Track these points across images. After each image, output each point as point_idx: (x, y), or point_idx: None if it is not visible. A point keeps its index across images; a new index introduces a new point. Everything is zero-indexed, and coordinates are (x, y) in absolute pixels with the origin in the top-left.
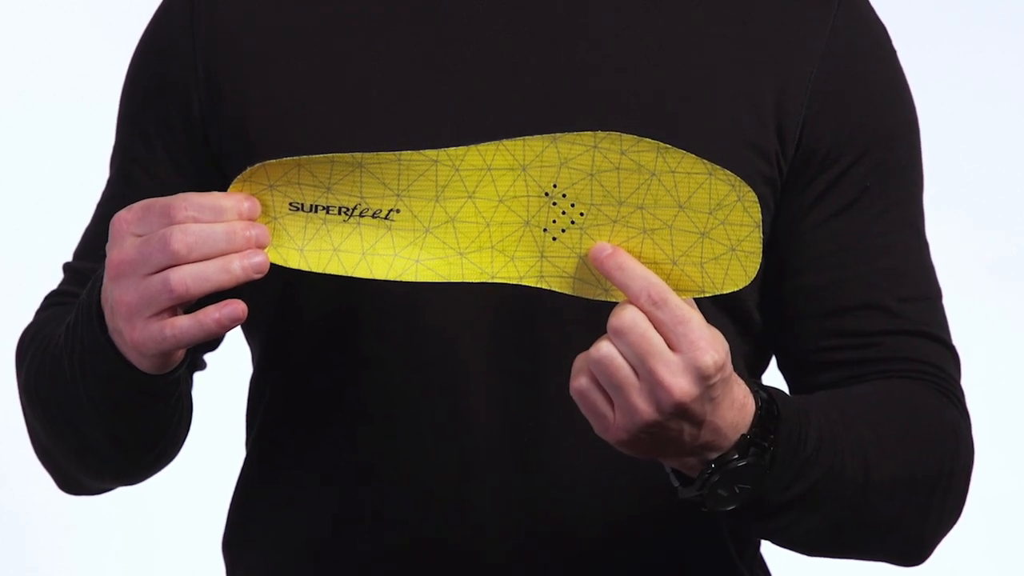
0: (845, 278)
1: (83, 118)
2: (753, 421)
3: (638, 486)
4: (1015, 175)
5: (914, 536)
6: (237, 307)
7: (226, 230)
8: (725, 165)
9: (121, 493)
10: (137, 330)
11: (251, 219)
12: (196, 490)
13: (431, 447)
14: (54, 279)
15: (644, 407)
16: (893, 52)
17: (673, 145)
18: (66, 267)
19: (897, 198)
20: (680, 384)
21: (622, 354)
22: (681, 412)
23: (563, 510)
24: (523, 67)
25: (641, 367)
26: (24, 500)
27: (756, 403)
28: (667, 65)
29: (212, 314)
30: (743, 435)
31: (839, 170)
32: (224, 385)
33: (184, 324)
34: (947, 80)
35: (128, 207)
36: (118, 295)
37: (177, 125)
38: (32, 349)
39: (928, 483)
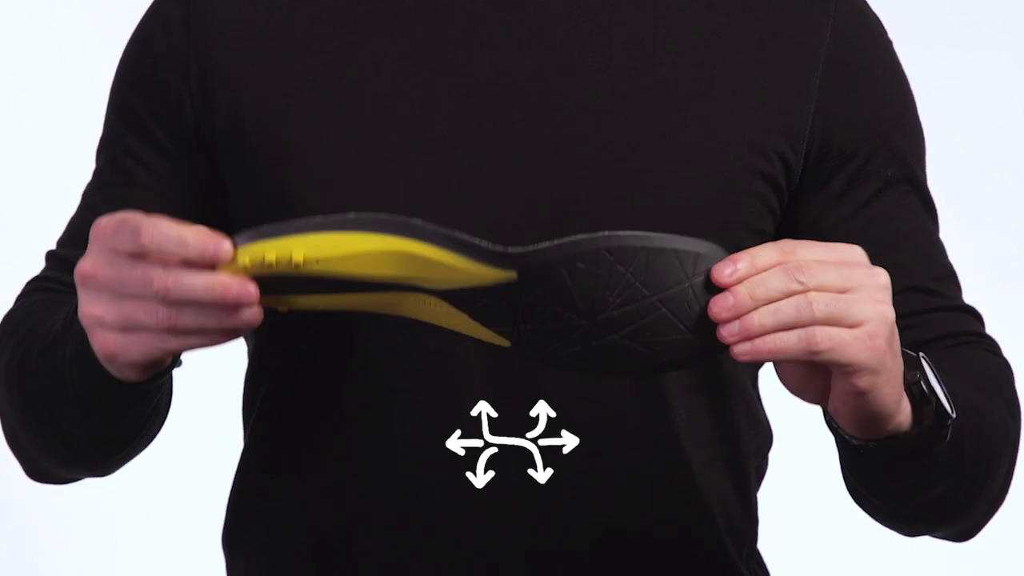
0: (883, 266)
1: (80, 117)
2: None
3: (638, 484)
4: (1015, 175)
5: (1000, 489)
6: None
7: (206, 285)
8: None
9: (120, 489)
10: (111, 340)
11: (215, 260)
12: (195, 484)
13: (429, 442)
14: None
15: (882, 304)
16: (890, 41)
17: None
18: (49, 254)
19: (913, 182)
20: (877, 266)
21: (822, 288)
22: (888, 284)
23: (562, 507)
24: (519, 67)
25: (844, 280)
26: (24, 497)
27: None
28: (664, 65)
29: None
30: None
31: (859, 162)
32: (222, 378)
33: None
34: (947, 80)
35: (110, 215)
36: (83, 306)
37: (168, 117)
38: (16, 339)
39: (1012, 441)
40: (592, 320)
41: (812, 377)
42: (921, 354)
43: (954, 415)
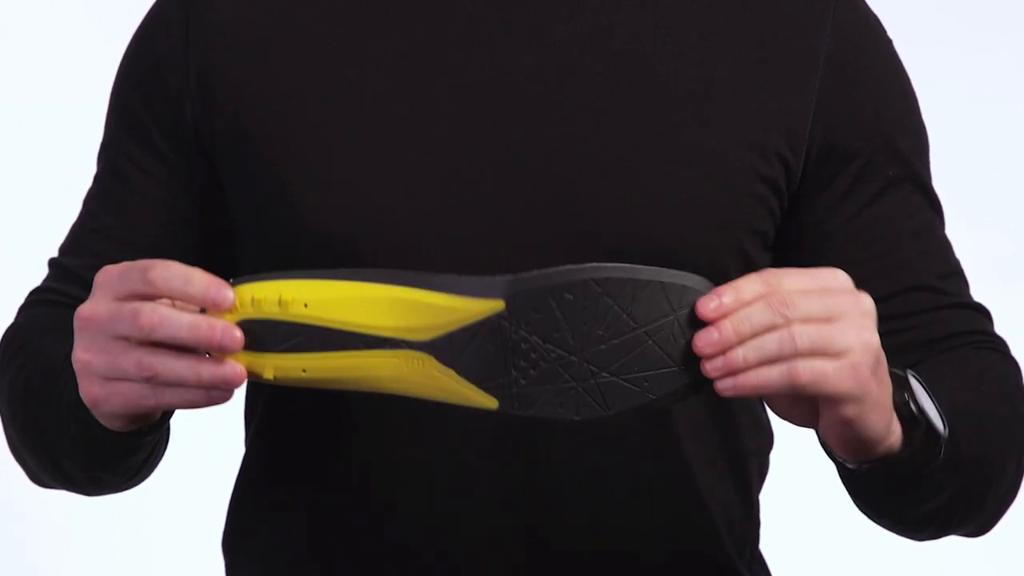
0: (888, 265)
1: (80, 117)
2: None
3: (638, 485)
4: (1015, 175)
5: (1008, 488)
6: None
7: (190, 324)
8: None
9: (121, 493)
10: (95, 386)
11: (217, 301)
12: (196, 489)
13: (430, 445)
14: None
15: (866, 332)
16: (890, 41)
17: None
18: (51, 263)
19: (916, 181)
20: (861, 292)
21: (806, 320)
22: (874, 312)
23: (562, 506)
24: (519, 67)
25: (828, 310)
26: (24, 498)
27: None
28: (664, 65)
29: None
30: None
31: (861, 163)
32: None
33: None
34: (947, 80)
35: (116, 265)
36: (77, 350)
37: (168, 121)
38: (19, 361)
39: (1021, 439)
40: (582, 355)
41: (799, 403)
42: (910, 372)
43: (945, 433)
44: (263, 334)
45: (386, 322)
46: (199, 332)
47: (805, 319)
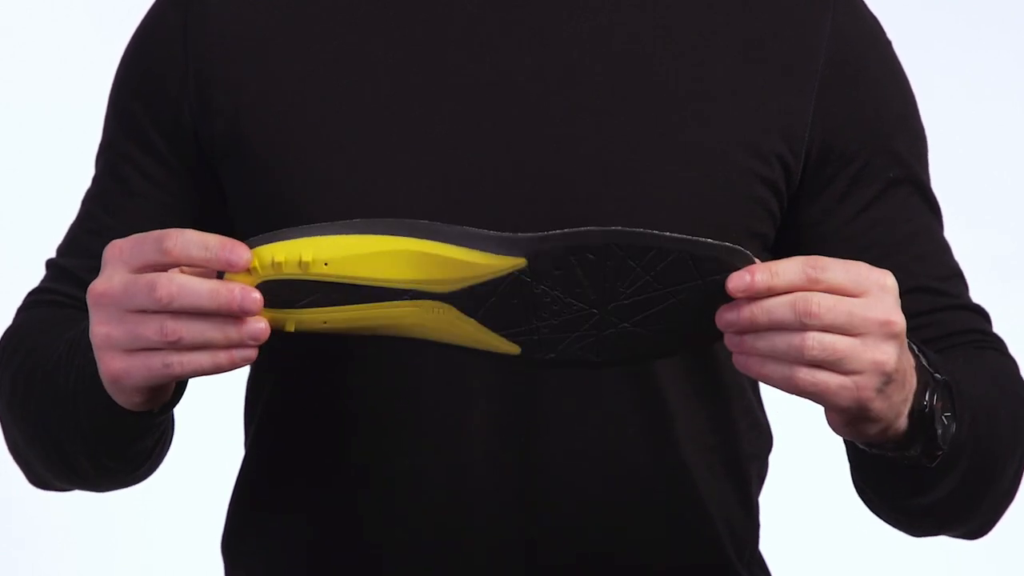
0: (888, 267)
1: (80, 117)
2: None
3: (637, 489)
4: (1015, 174)
5: (1009, 487)
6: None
7: (210, 290)
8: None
9: (121, 492)
10: (117, 360)
11: (234, 262)
12: (196, 490)
13: (429, 449)
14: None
15: (882, 355)
16: (889, 42)
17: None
18: (49, 263)
19: (915, 183)
20: (895, 312)
21: (826, 329)
22: (902, 334)
23: (561, 510)
24: (519, 68)
25: (852, 324)
26: (24, 498)
27: None
28: (664, 65)
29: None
30: (917, 362)
31: (860, 164)
32: (223, 384)
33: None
34: (947, 80)
35: (125, 238)
36: (94, 325)
37: (167, 123)
38: (19, 358)
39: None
40: (603, 309)
41: None
42: (946, 380)
43: (943, 450)
44: (284, 293)
45: (407, 275)
46: (219, 297)
47: (825, 328)
